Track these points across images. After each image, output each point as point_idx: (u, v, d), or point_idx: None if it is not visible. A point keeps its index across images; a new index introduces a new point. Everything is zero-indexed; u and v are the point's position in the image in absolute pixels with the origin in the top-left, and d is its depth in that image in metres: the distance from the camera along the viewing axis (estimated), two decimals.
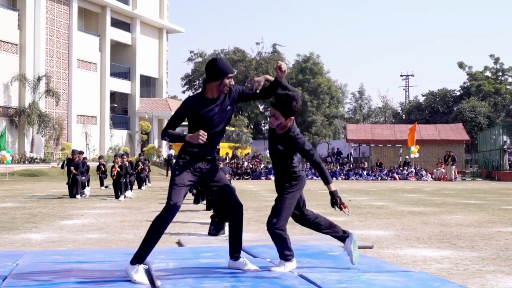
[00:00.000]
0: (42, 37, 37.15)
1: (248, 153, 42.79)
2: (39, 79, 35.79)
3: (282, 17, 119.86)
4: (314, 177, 34.33)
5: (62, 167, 18.40)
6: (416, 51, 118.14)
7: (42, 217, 10.84)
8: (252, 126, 54.39)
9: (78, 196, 16.24)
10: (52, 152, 37.40)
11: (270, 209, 5.25)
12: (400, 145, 38.79)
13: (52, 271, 5.26)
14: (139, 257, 4.84)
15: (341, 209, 5.06)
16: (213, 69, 4.87)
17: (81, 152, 17.99)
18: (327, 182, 5.08)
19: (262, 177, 33.76)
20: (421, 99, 62.37)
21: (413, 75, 73.93)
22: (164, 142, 46.15)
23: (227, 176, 8.72)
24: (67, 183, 16.70)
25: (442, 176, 34.18)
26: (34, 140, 36.08)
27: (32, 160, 33.97)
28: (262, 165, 35.93)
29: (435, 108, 58.33)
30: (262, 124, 60.91)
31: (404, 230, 8.91)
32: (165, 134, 4.93)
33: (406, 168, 36.14)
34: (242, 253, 5.37)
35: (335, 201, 5.08)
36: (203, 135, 4.78)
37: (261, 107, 58.23)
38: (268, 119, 5.33)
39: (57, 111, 38.39)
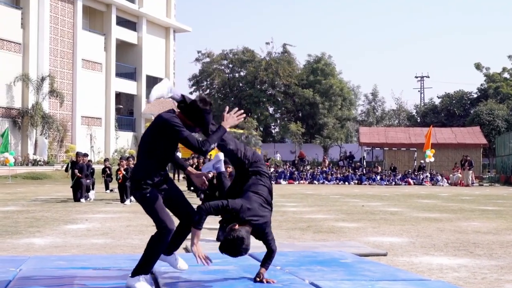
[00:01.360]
0: (46, 36, 37.33)
1: None
2: (42, 79, 35.93)
3: (292, 16, 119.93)
4: (326, 182, 34.30)
5: (66, 170, 18.48)
6: (431, 52, 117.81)
7: (46, 221, 10.89)
8: (261, 129, 54.29)
9: (82, 200, 16.30)
10: (56, 155, 37.53)
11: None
12: (415, 149, 38.63)
13: (56, 276, 5.29)
14: (140, 271, 4.89)
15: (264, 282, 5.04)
16: (204, 116, 4.88)
17: (86, 155, 18.06)
18: (265, 266, 5.11)
19: (272, 181, 33.70)
20: (437, 101, 62.17)
21: (428, 77, 73.74)
22: None
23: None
24: (71, 187, 16.77)
25: (459, 181, 34.04)
26: (38, 142, 36.23)
27: (35, 163, 34.10)
28: (272, 169, 35.90)
29: (451, 111, 58.12)
30: (272, 127, 60.87)
31: (419, 237, 8.88)
32: (209, 142, 4.78)
33: (421, 172, 36.00)
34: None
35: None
36: (235, 112, 5.01)
37: (271, 109, 58.22)
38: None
39: (61, 112, 38.55)
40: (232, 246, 4.69)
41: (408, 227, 10.33)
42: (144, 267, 4.88)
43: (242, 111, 5.07)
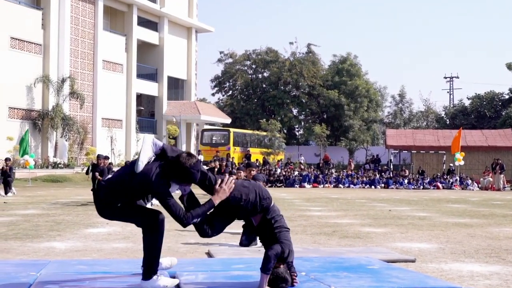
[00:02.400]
0: (66, 37, 37.69)
1: (281, 159, 42.74)
2: (63, 80, 36.26)
3: (317, 16, 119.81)
4: (352, 185, 34.16)
5: (87, 172, 18.60)
6: (461, 52, 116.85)
7: (66, 225, 10.99)
8: (285, 131, 54.28)
9: None
10: (76, 157, 37.86)
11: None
12: (444, 152, 38.30)
13: (76, 281, 5.33)
14: (150, 273, 4.97)
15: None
16: (187, 174, 4.90)
17: (107, 157, 18.15)
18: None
19: (296, 185, 33.67)
20: (467, 102, 61.60)
21: (457, 77, 73.15)
22: (192, 147, 46.44)
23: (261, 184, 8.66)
24: (92, 190, 16.89)
25: (490, 186, 33.67)
26: (58, 144, 36.58)
27: (55, 165, 34.44)
28: (296, 172, 35.86)
29: (482, 113, 57.54)
30: (296, 129, 60.79)
31: (449, 243, 8.80)
32: (192, 216, 5.00)
33: (450, 176, 35.69)
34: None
35: None
36: (227, 184, 5.12)
37: (295, 111, 58.14)
38: None
39: (82, 114, 38.91)
40: (282, 281, 5.06)
41: (437, 232, 10.24)
42: (152, 267, 4.97)
43: (233, 182, 5.25)
